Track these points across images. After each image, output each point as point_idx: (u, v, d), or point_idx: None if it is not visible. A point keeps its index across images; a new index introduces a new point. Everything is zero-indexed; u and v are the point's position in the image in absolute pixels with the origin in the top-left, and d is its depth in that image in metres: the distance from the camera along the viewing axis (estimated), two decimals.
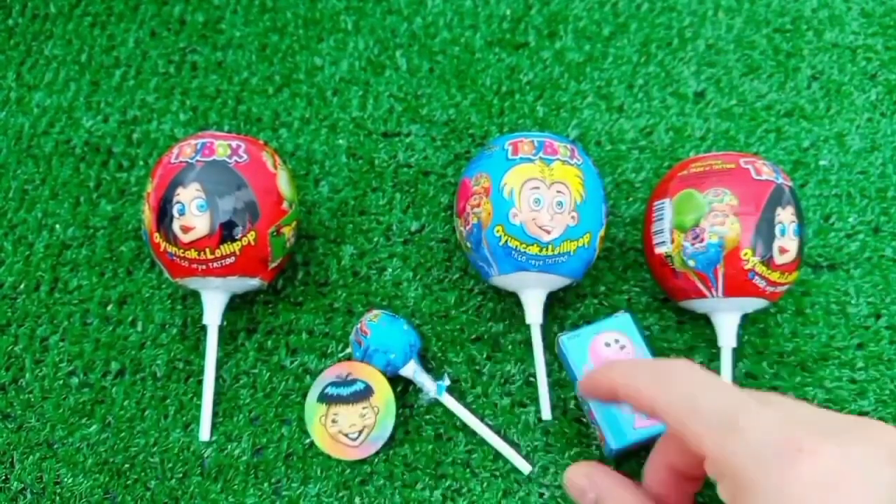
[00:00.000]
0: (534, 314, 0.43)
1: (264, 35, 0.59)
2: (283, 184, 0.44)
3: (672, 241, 0.41)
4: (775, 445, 0.24)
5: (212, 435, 0.44)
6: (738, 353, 0.45)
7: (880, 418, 0.43)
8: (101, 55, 0.59)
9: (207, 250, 0.41)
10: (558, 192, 0.41)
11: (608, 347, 0.42)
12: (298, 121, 0.55)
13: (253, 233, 0.42)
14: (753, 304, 0.41)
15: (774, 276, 0.40)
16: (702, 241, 0.40)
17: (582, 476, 0.31)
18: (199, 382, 0.46)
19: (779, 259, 0.40)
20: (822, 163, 0.52)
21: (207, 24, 0.60)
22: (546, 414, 0.43)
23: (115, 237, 0.51)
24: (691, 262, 0.40)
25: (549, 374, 0.44)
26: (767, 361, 0.45)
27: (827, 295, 0.47)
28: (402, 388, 0.45)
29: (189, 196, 0.41)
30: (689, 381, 0.27)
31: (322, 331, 0.47)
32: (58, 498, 0.43)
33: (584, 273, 0.44)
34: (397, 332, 0.43)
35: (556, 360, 0.45)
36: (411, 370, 0.43)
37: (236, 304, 0.48)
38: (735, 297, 0.40)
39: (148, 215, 0.43)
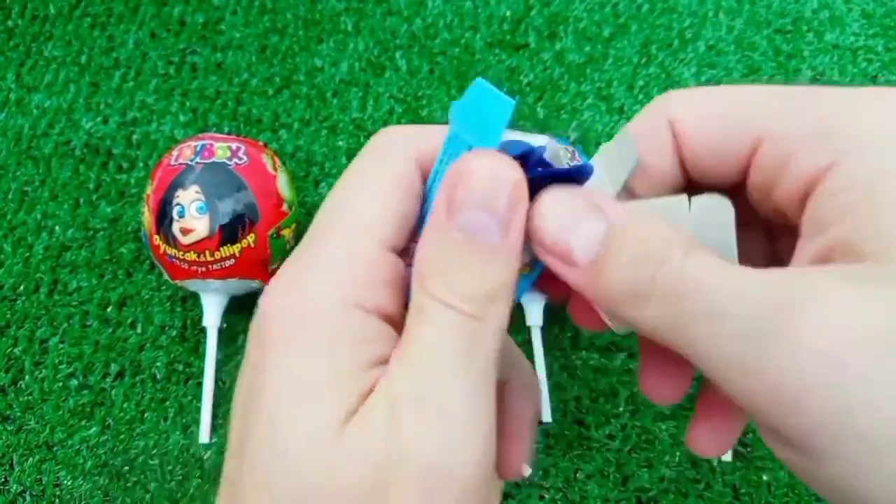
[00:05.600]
0: (534, 316, 0.43)
1: (264, 36, 0.59)
2: (283, 186, 0.44)
3: None
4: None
5: (212, 437, 0.44)
6: None
7: None
8: (100, 56, 0.59)
9: (207, 252, 0.41)
10: None
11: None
12: (298, 122, 0.55)
13: (253, 235, 0.42)
14: None
15: None
16: None
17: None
18: (199, 384, 0.45)
19: None
20: None
21: (207, 25, 0.60)
22: (546, 416, 0.43)
23: (114, 239, 0.51)
24: None
25: (548, 377, 0.44)
26: None
27: None
28: None
29: (189, 198, 0.41)
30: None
31: None
32: (57, 500, 0.43)
33: None
34: None
35: (555, 362, 0.45)
36: None
37: (236, 306, 0.48)
38: None
39: (147, 217, 0.43)
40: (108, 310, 0.49)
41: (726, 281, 0.15)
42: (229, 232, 0.41)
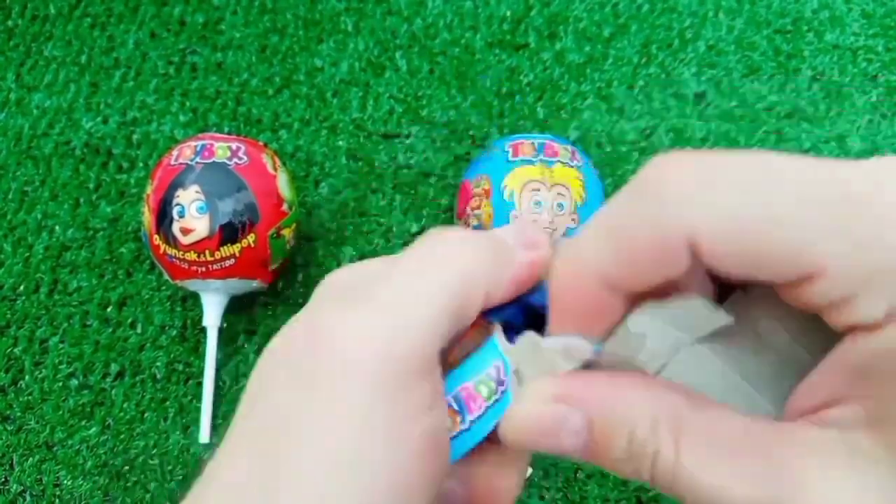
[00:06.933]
0: None
1: (264, 36, 0.59)
2: (283, 185, 0.44)
3: None
4: None
5: (212, 437, 0.44)
6: None
7: None
8: (100, 56, 0.59)
9: (207, 252, 0.41)
10: (559, 194, 0.41)
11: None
12: (298, 122, 0.55)
13: (253, 235, 0.42)
14: None
15: None
16: None
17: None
18: (199, 384, 0.45)
19: None
20: None
21: (207, 25, 0.60)
22: None
23: (114, 239, 0.51)
24: None
25: None
26: None
27: None
28: None
29: (189, 198, 0.41)
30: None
31: None
32: (57, 500, 0.43)
33: None
34: None
35: None
36: None
37: (236, 306, 0.48)
38: None
39: (148, 217, 0.43)
40: (108, 310, 0.49)
41: (719, 479, 0.15)
42: (229, 232, 0.41)
